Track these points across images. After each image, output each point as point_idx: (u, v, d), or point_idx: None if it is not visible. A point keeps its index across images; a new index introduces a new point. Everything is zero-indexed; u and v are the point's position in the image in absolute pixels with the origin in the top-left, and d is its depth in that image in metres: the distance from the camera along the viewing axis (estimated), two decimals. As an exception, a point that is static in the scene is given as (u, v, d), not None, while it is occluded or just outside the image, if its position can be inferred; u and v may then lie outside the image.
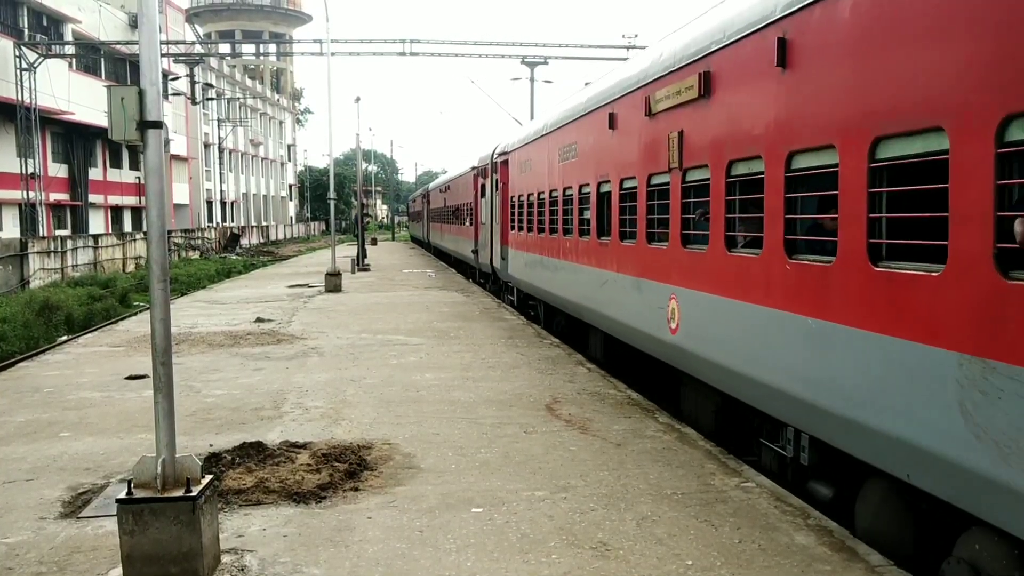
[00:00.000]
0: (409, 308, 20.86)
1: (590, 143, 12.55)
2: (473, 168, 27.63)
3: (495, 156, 22.59)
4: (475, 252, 27.44)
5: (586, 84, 15.36)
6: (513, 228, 19.68)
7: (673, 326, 8.79)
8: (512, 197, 19.73)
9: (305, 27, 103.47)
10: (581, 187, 12.94)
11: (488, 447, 8.25)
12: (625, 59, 31.24)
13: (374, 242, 67.50)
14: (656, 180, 9.49)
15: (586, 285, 12.75)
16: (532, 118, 32.77)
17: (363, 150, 57.87)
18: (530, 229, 17.28)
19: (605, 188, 11.69)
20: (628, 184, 10.60)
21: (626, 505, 6.56)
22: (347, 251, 45.64)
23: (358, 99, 47.27)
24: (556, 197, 14.75)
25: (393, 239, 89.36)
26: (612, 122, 11.18)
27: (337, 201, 37.05)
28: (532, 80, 43.18)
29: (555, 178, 14.83)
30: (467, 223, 30.25)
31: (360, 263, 36.80)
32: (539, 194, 16.23)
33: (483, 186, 24.95)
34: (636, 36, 39.75)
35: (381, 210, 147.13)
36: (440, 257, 45.56)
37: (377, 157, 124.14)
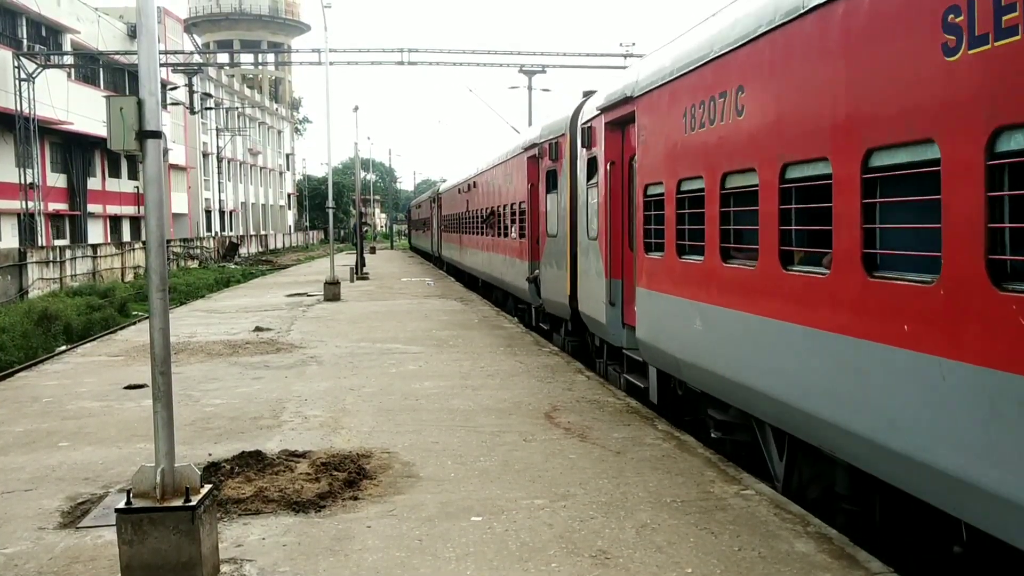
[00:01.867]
0: (408, 316, 20.85)
1: None
2: (530, 146, 17.15)
3: (589, 117, 12.32)
4: (532, 281, 17.22)
5: None
6: (651, 249, 9.62)
7: None
8: (654, 186, 9.50)
9: (303, 36, 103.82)
10: None
11: (487, 455, 8.24)
12: (623, 67, 31.32)
13: (373, 251, 67.55)
14: None
15: None
16: (530, 125, 32.33)
17: (361, 159, 58.01)
18: (732, 255, 7.56)
19: None
20: None
21: (625, 513, 6.56)
22: (346, 260, 45.65)
23: (356, 108, 47.41)
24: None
25: (392, 248, 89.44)
26: None
27: (336, 210, 37.09)
28: (530, 89, 43.31)
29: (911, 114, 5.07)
30: (512, 234, 19.78)
31: (359, 272, 36.80)
32: (787, 168, 6.49)
33: (551, 174, 15.29)
34: (633, 44, 39.88)
35: (380, 219, 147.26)
36: (457, 276, 35.83)
37: (375, 166, 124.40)
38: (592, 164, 12.32)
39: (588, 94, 14.50)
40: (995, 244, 4.43)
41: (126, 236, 50.57)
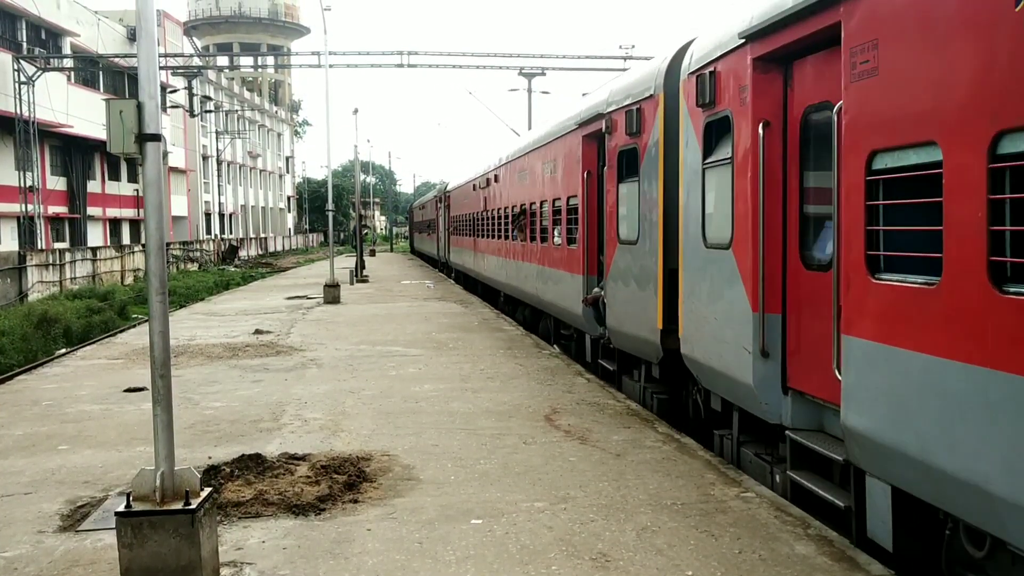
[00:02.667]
0: (408, 319, 20.84)
1: None
2: (590, 119, 12.61)
3: (713, 58, 8.10)
4: (592, 304, 12.72)
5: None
6: (894, 269, 5.35)
7: None
8: (906, 151, 5.21)
9: (303, 39, 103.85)
10: None
11: (487, 458, 8.24)
12: (622, 69, 31.37)
13: (373, 253, 67.60)
14: None
15: None
16: (530, 128, 32.09)
17: (361, 161, 58.00)
18: None
19: None
20: None
21: (626, 516, 6.55)
22: (346, 262, 45.65)
23: (356, 111, 47.38)
24: None
25: (391, 250, 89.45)
26: None
27: (335, 213, 37.07)
28: (529, 91, 43.33)
29: None
30: (555, 239, 15.23)
31: (359, 274, 36.80)
32: None
33: (627, 155, 11.07)
34: (633, 47, 39.92)
35: (379, 221, 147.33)
36: (469, 287, 30.95)
37: (375, 169, 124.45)
38: (716, 131, 8.18)
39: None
40: None
41: (126, 239, 50.58)
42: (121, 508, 5.24)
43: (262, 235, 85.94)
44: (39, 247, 37.67)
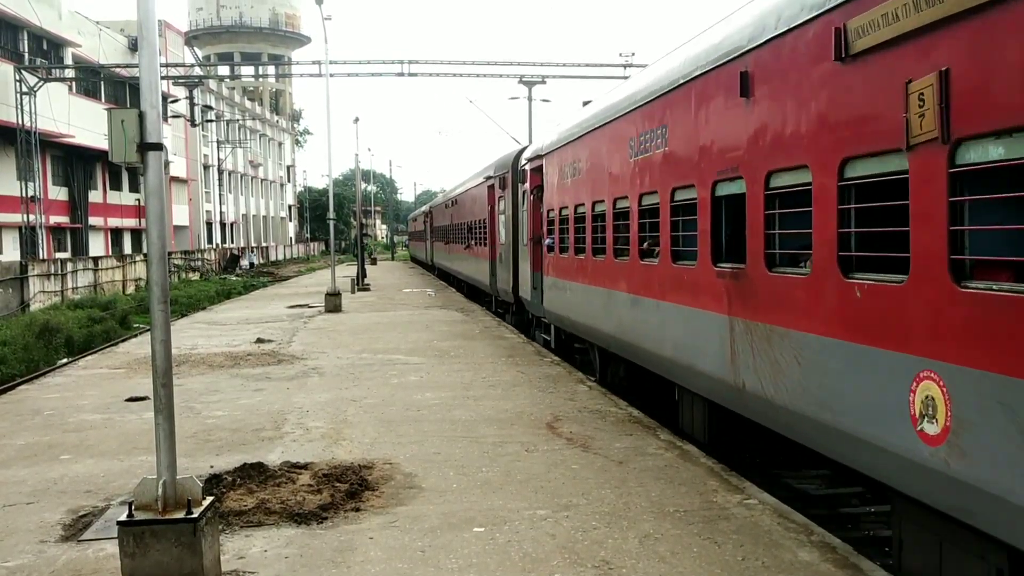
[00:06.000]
0: (409, 327, 20.85)
1: None
2: None
3: None
4: None
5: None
6: None
7: None
8: None
9: (304, 48, 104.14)
10: None
11: (489, 466, 8.23)
12: (623, 77, 31.46)
13: (374, 262, 67.64)
14: None
15: None
16: (531, 137, 32.09)
17: (362, 170, 58.09)
18: None
19: None
20: None
21: (628, 523, 6.54)
22: (347, 271, 45.64)
23: (357, 120, 47.49)
24: None
25: (393, 258, 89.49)
26: None
27: (336, 221, 37.09)
28: (530, 99, 43.36)
29: None
30: None
31: (360, 283, 36.81)
32: None
33: None
34: (633, 55, 39.98)
35: (380, 230, 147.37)
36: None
37: (376, 177, 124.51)
38: None
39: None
40: None
41: (127, 248, 50.62)
42: (123, 517, 5.24)
43: (263, 244, 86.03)
44: (41, 257, 37.68)
